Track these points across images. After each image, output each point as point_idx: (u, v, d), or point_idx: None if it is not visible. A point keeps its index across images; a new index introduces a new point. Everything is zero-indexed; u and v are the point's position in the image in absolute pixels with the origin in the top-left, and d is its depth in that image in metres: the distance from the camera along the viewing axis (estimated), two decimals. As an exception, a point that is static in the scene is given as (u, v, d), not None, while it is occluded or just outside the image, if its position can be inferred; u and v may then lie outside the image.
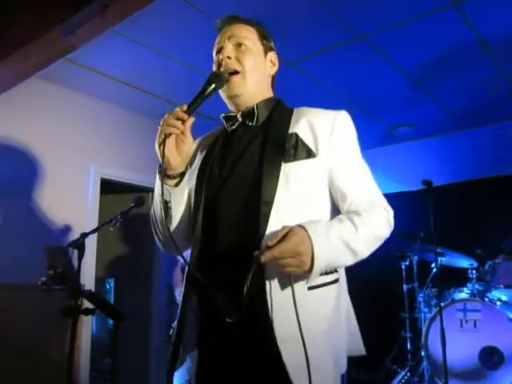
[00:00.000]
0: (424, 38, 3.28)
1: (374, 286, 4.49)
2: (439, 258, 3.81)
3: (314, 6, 2.90)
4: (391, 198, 1.50)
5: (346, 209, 1.37)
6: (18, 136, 3.67)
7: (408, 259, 4.14)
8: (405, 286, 4.16)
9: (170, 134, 1.31)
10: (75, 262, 2.38)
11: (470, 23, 3.12)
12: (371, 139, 5.30)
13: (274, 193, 1.30)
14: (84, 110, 4.14)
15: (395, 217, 1.39)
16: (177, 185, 1.40)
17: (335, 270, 1.35)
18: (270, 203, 1.29)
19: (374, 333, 4.54)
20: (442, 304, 3.47)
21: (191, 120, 1.34)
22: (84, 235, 2.32)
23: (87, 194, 4.06)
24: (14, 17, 3.03)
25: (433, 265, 3.89)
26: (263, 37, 1.53)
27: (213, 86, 1.37)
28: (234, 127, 1.50)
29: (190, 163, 1.50)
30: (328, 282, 1.32)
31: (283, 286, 1.25)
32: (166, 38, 3.25)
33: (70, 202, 3.93)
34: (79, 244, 2.25)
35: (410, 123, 4.91)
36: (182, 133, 1.33)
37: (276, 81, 1.60)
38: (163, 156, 1.31)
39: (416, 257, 4.09)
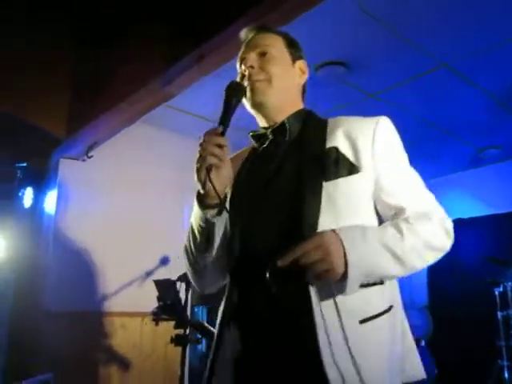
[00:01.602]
0: (507, 62, 3.29)
1: (466, 313, 4.39)
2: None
3: (393, 39, 3.02)
4: (480, 221, 1.32)
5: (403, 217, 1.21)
6: (124, 174, 4.05)
7: (502, 285, 4.02)
8: (499, 313, 4.02)
9: (214, 166, 1.15)
10: (182, 294, 2.58)
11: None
12: (459, 162, 5.23)
13: (318, 215, 1.16)
14: (179, 150, 4.43)
15: (484, 240, 1.21)
16: (219, 214, 1.22)
17: (381, 282, 1.17)
18: (313, 227, 1.15)
19: (468, 362, 4.44)
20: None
21: (226, 141, 1.18)
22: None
23: (183, 226, 4.33)
24: (118, 70, 3.36)
25: (529, 291, 3.77)
26: (290, 44, 1.41)
27: (234, 100, 1.25)
28: (264, 145, 1.36)
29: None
30: (381, 312, 1.16)
31: (332, 319, 1.10)
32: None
33: (167, 234, 4.21)
34: (187, 278, 2.43)
35: (497, 145, 4.82)
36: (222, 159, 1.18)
37: (306, 92, 1.46)
38: (213, 188, 1.15)
39: (510, 283, 3.96)
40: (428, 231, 1.18)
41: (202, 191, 1.21)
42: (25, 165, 3.72)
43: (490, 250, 4.08)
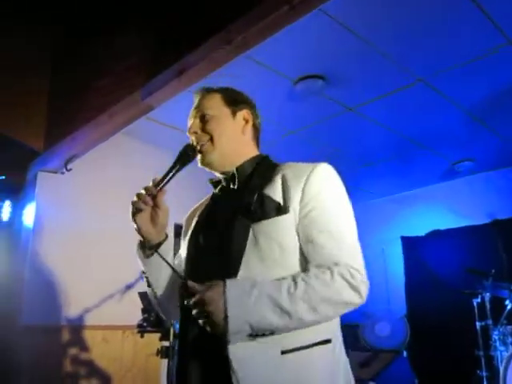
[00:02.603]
0: (483, 76, 3.39)
1: (445, 323, 4.44)
2: (510, 294, 3.76)
3: (371, 53, 3.09)
4: (454, 232, 1.26)
5: (307, 268, 1.26)
6: (104, 187, 4.04)
7: (480, 296, 4.07)
8: (478, 324, 4.06)
9: (141, 210, 1.37)
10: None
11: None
12: (433, 175, 5.34)
13: (241, 255, 1.26)
14: (159, 162, 4.38)
15: (460, 251, 1.16)
16: (148, 257, 1.42)
17: (271, 333, 1.19)
18: (236, 267, 1.25)
19: (448, 372, 4.49)
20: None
21: (162, 194, 1.37)
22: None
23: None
24: (97, 82, 3.35)
25: (507, 301, 3.83)
26: (229, 99, 1.50)
27: (177, 166, 1.40)
28: (218, 192, 1.51)
29: (186, 231, 1.54)
30: (312, 344, 1.21)
31: (247, 350, 1.18)
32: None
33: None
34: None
35: (471, 157, 4.93)
36: (156, 205, 1.38)
37: (259, 135, 1.56)
38: (137, 229, 1.39)
39: (488, 293, 4.02)
40: (326, 285, 1.20)
41: (140, 237, 1.42)
42: (3, 177, 3.67)
43: (467, 260, 4.14)
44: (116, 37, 3.28)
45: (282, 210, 1.29)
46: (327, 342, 1.24)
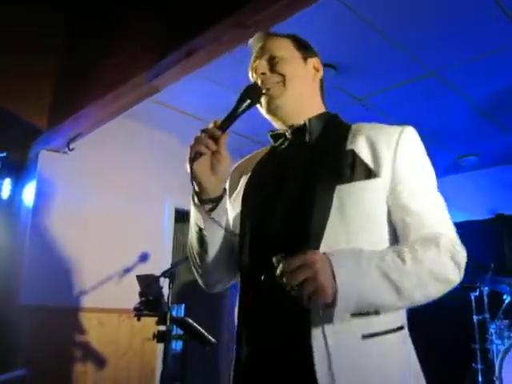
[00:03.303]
0: (495, 72, 3.37)
1: (442, 316, 4.44)
2: (509, 289, 3.77)
3: (384, 44, 3.05)
4: (456, 226, 1.23)
5: (405, 240, 1.15)
6: (106, 169, 4.01)
7: (478, 290, 4.08)
8: (475, 317, 4.08)
9: (201, 154, 1.15)
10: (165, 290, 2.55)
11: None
12: (437, 169, 5.29)
13: (325, 223, 1.11)
14: (162, 146, 4.42)
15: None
16: (211, 210, 1.19)
17: (376, 312, 1.08)
18: (319, 236, 1.10)
19: (444, 364, 4.50)
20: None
21: (225, 137, 1.17)
22: (175, 264, 2.48)
23: (163, 223, 4.30)
24: (105, 62, 3.30)
25: (505, 296, 3.84)
26: (299, 44, 1.37)
27: (247, 101, 1.22)
28: (283, 146, 1.32)
29: (233, 188, 1.37)
30: (390, 330, 1.10)
31: (325, 331, 1.05)
32: (240, 79, 3.44)
33: (147, 230, 4.18)
34: (171, 273, 2.42)
35: (476, 153, 4.92)
36: (218, 151, 1.16)
37: (324, 90, 1.42)
38: (196, 178, 1.16)
39: (487, 288, 4.03)
40: (434, 260, 1.09)
41: (196, 188, 1.19)
42: (4, 155, 3.63)
43: (468, 255, 4.14)
44: (127, 18, 3.23)
45: (372, 173, 1.16)
46: (401, 328, 1.15)
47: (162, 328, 2.31)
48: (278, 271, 0.98)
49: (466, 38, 3.00)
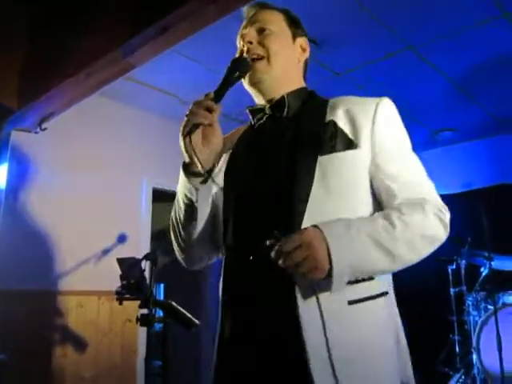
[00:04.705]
0: (472, 47, 3.38)
1: (420, 289, 4.53)
2: (486, 262, 3.84)
3: (363, 17, 3.01)
4: None
5: (390, 206, 1.19)
6: (80, 149, 3.89)
7: (455, 263, 4.16)
8: (452, 290, 4.17)
9: (198, 125, 1.15)
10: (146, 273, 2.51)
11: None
12: (414, 144, 5.34)
13: (310, 190, 1.14)
14: (138, 124, 4.32)
15: None
16: (203, 182, 1.22)
17: (370, 278, 1.13)
18: (304, 202, 1.13)
19: (422, 336, 4.60)
20: (493, 307, 3.49)
21: (219, 109, 1.18)
22: (158, 246, 2.44)
23: (140, 203, 4.23)
24: (78, 39, 3.18)
25: (482, 268, 3.92)
26: (291, 21, 1.37)
27: (236, 73, 1.25)
28: (261, 121, 1.33)
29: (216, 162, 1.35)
30: (374, 295, 1.14)
31: (314, 300, 1.09)
32: (216, 56, 3.37)
33: (124, 211, 4.11)
34: (153, 256, 2.38)
35: (452, 127, 4.95)
36: (210, 124, 1.18)
37: (307, 70, 1.44)
38: (192, 150, 1.17)
39: (464, 261, 4.10)
40: (422, 221, 1.14)
41: (186, 159, 1.20)
42: (-26, 136, 3.50)
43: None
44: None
45: (353, 144, 1.19)
46: (386, 293, 1.18)
47: (145, 311, 2.28)
48: (274, 253, 1.01)
49: (443, 13, 2.98)
